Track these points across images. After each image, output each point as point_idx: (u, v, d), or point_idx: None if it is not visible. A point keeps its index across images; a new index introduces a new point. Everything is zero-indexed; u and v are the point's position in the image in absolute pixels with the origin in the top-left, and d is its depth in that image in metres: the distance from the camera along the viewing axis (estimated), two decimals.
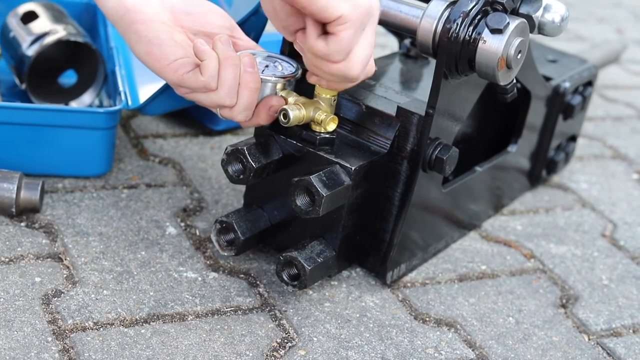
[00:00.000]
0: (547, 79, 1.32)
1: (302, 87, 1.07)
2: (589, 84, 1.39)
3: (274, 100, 1.05)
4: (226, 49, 1.02)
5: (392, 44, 1.76)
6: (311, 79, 1.04)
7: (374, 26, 0.99)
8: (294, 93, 1.06)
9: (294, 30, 1.00)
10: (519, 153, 1.31)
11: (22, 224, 1.14)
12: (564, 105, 1.34)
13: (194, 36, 1.07)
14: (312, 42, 0.97)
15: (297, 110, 1.03)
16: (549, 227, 1.32)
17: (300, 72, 1.06)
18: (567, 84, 1.33)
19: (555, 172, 1.42)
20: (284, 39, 1.13)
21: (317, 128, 1.06)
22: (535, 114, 1.31)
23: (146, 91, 1.31)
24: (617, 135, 1.66)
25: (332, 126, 1.06)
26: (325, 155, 1.05)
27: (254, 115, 1.05)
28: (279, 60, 1.07)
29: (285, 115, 1.03)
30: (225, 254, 1.10)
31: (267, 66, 1.06)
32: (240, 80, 1.03)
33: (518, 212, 1.35)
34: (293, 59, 1.08)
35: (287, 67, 1.07)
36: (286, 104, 1.05)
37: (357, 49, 0.98)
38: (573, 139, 1.44)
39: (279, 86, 1.05)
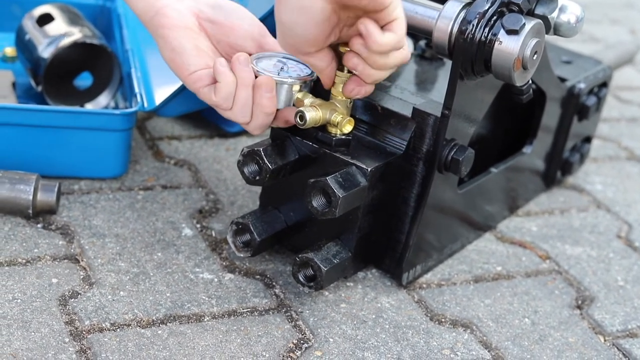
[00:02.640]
0: (562, 80, 1.32)
1: (319, 88, 1.07)
2: (604, 85, 1.39)
3: (291, 115, 1.06)
4: (243, 70, 1.03)
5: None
6: (353, 89, 1.04)
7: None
8: (310, 95, 1.06)
9: (323, 40, 0.99)
10: (534, 154, 1.31)
11: (39, 225, 1.15)
12: (579, 106, 1.34)
13: (218, 44, 1.08)
14: (381, 38, 0.97)
15: (313, 112, 1.04)
16: (564, 228, 1.32)
17: (316, 74, 1.06)
18: (582, 85, 1.33)
19: (570, 173, 1.42)
20: None
21: (333, 130, 1.06)
22: (550, 115, 1.31)
23: (162, 93, 1.31)
24: (631, 137, 1.65)
25: (348, 128, 1.06)
26: (341, 157, 1.05)
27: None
28: (295, 62, 1.08)
29: (302, 117, 1.04)
30: (242, 255, 1.10)
31: (282, 68, 1.06)
32: (256, 103, 1.04)
33: (533, 214, 1.35)
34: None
35: (303, 69, 1.07)
36: (303, 104, 1.05)
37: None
38: (588, 140, 1.44)
39: (295, 88, 1.05)
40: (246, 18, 1.09)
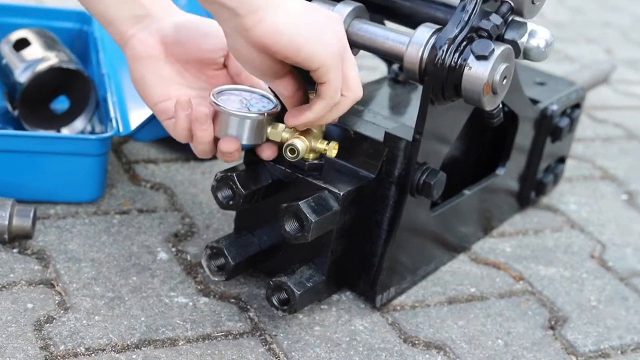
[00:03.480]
0: (535, 101, 1.33)
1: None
2: (577, 106, 1.41)
3: (269, 151, 1.07)
4: (185, 114, 1.04)
5: (381, 67, 1.77)
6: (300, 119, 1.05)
7: (349, 49, 1.01)
8: (280, 124, 1.06)
9: (272, 75, 1.01)
10: (507, 175, 1.32)
11: (15, 250, 1.15)
12: (552, 128, 1.35)
13: (187, 64, 1.09)
14: (311, 114, 1.01)
15: (302, 143, 1.04)
16: (538, 248, 1.33)
17: (279, 106, 1.07)
18: (554, 107, 1.34)
19: (544, 193, 1.43)
20: None
21: (309, 156, 1.07)
22: (524, 137, 1.32)
23: (137, 117, 1.32)
24: (606, 156, 1.67)
25: (334, 152, 1.06)
26: (313, 181, 1.06)
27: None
28: (259, 96, 1.08)
29: (293, 150, 1.04)
30: (216, 279, 1.11)
31: (246, 103, 1.06)
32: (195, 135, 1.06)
33: (507, 234, 1.36)
34: (272, 95, 1.09)
35: (267, 103, 1.07)
36: (279, 138, 1.06)
37: (348, 76, 1.01)
38: (562, 160, 1.45)
39: (263, 122, 1.05)
40: (211, 31, 1.09)
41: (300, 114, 1.02)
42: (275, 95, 1.07)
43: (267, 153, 1.07)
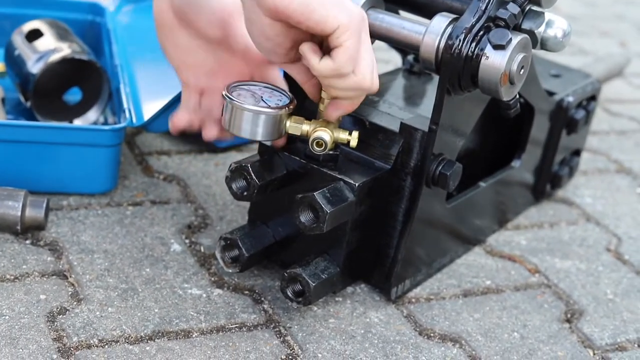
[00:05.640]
0: (551, 93, 1.32)
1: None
2: (593, 98, 1.40)
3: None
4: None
5: (395, 59, 1.76)
6: (332, 112, 1.04)
7: (368, 32, 0.99)
8: (301, 117, 1.05)
9: (285, 53, 1.00)
10: (522, 168, 1.31)
11: (27, 241, 1.15)
12: (567, 120, 1.34)
13: (197, 33, 1.09)
14: (317, 65, 0.97)
15: (328, 136, 1.03)
16: (554, 241, 1.32)
17: (295, 101, 1.06)
18: (570, 99, 1.33)
19: (560, 186, 1.42)
20: None
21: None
22: (539, 129, 1.31)
23: (150, 108, 1.31)
24: (621, 149, 1.66)
25: (356, 142, 1.05)
26: (329, 172, 1.05)
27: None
28: (270, 90, 1.07)
29: (320, 144, 1.03)
30: (230, 270, 1.10)
31: (261, 97, 1.05)
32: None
33: (522, 227, 1.35)
34: (283, 89, 1.08)
35: (281, 98, 1.06)
36: (299, 132, 1.05)
37: (363, 56, 0.98)
38: (577, 153, 1.44)
39: (285, 116, 1.04)
40: (209, 4, 1.08)
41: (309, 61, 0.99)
42: (288, 89, 1.07)
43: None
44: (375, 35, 1.11)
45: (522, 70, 1.05)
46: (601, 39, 2.29)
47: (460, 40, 1.03)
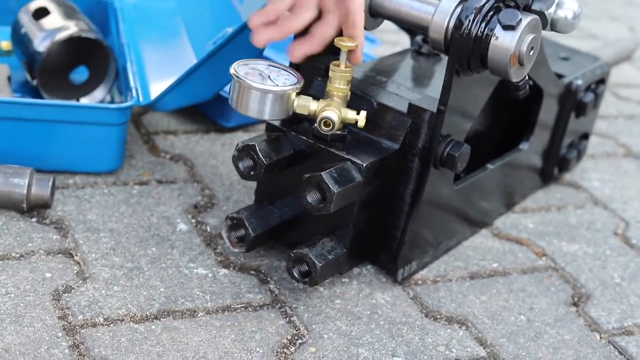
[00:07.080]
0: (560, 76, 1.32)
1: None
2: (602, 81, 1.39)
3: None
4: None
5: (403, 41, 1.75)
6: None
7: None
8: (308, 97, 1.05)
9: None
10: (531, 150, 1.31)
11: (33, 219, 1.14)
12: (576, 103, 1.33)
13: None
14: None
15: (335, 115, 1.03)
16: (561, 225, 1.32)
17: (303, 80, 1.06)
18: (579, 82, 1.32)
19: (568, 170, 1.41)
20: None
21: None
22: (548, 112, 1.30)
23: (157, 87, 1.31)
24: (629, 134, 1.65)
25: (364, 122, 1.05)
26: (336, 152, 1.05)
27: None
28: (277, 69, 1.07)
29: (328, 123, 1.03)
30: (236, 250, 1.10)
31: (269, 76, 1.05)
32: None
33: (530, 210, 1.35)
34: (291, 68, 1.08)
35: (288, 77, 1.06)
36: (307, 112, 1.05)
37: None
38: (585, 136, 1.43)
39: (293, 95, 1.04)
40: None
41: None
42: (294, 70, 1.07)
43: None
44: (384, 15, 1.11)
45: (532, 52, 1.04)
46: (610, 23, 2.28)
47: (469, 21, 1.02)
